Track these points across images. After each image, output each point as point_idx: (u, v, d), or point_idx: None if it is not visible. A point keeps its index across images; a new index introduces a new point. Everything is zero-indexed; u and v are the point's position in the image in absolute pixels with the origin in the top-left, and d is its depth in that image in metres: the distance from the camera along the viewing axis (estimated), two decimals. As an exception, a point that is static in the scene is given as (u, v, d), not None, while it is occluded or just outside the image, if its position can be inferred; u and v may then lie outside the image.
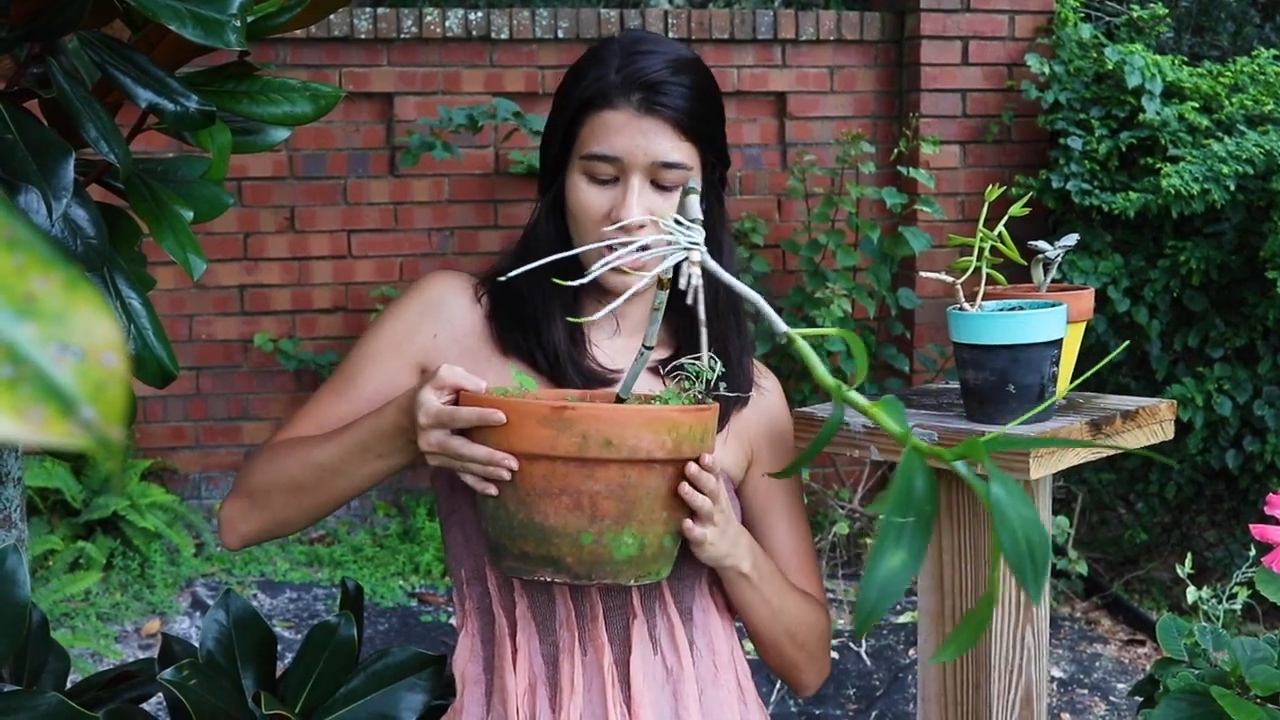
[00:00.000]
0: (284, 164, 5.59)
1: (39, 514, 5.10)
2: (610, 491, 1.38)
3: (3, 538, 1.72)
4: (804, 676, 1.85)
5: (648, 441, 1.37)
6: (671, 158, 1.67)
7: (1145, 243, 5.33)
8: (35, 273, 0.38)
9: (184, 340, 5.54)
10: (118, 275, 1.59)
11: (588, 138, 1.69)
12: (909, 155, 5.66)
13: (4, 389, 0.37)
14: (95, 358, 0.38)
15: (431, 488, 1.91)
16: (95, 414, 0.38)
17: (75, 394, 0.38)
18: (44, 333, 0.38)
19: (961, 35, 5.76)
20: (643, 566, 1.44)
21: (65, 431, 0.37)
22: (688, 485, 1.44)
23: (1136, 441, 1.73)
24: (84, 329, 0.38)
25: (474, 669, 1.75)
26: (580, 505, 1.38)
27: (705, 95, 1.73)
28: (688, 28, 5.75)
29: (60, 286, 0.38)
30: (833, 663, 4.72)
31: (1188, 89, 5.30)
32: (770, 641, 1.78)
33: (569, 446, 1.36)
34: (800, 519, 1.87)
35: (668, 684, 1.72)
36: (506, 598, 1.71)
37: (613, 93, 1.68)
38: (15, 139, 1.41)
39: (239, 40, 1.42)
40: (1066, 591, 5.32)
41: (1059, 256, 1.78)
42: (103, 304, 0.39)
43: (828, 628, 1.84)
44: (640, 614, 1.70)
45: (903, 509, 0.79)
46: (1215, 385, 5.02)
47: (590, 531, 1.39)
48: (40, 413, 0.37)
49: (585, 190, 1.70)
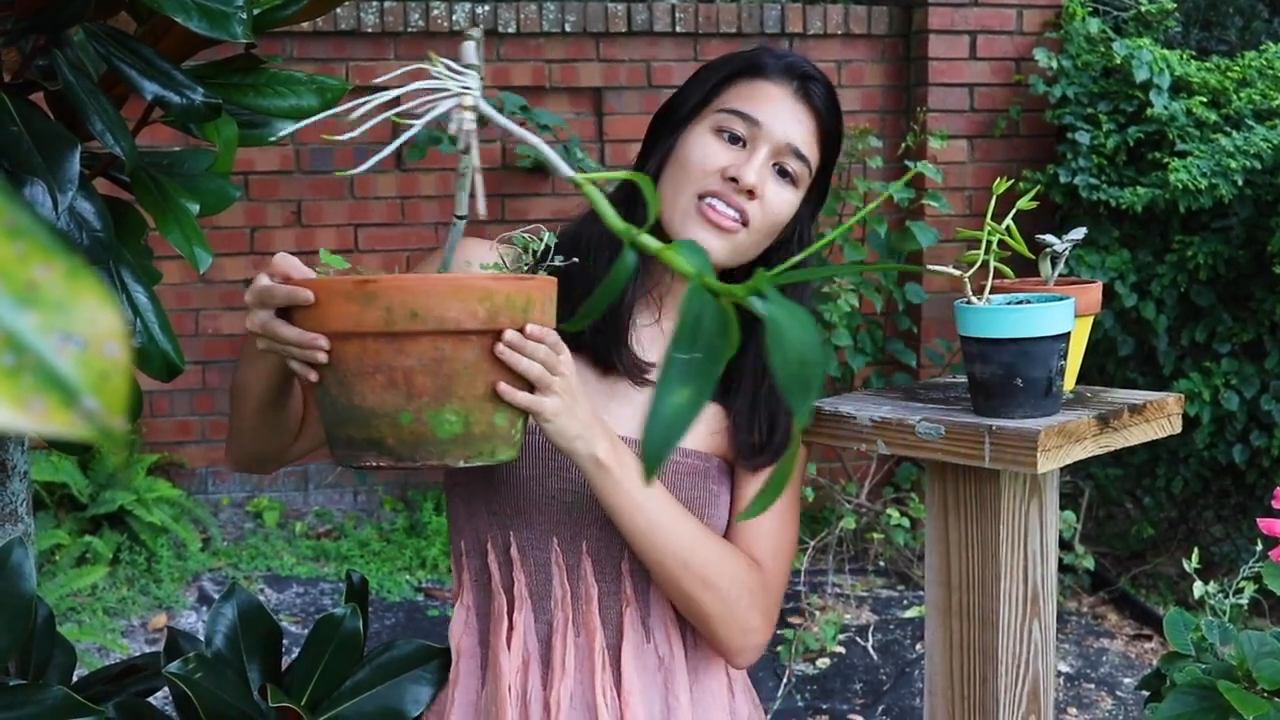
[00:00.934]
0: (290, 158, 5.59)
1: (45, 508, 5.10)
2: (424, 366, 1.31)
3: (9, 532, 1.72)
4: (719, 629, 1.68)
5: (455, 311, 1.30)
6: (804, 149, 1.72)
7: (1153, 238, 5.32)
8: (37, 261, 0.38)
9: (190, 335, 5.54)
10: (123, 269, 1.59)
11: (733, 97, 1.73)
12: (916, 149, 5.65)
13: (5, 378, 0.36)
14: (98, 347, 0.38)
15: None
16: (97, 404, 0.38)
17: (77, 384, 0.38)
18: (46, 322, 0.38)
19: (969, 29, 5.75)
20: (471, 446, 1.36)
21: (67, 421, 0.37)
22: (504, 348, 1.36)
23: (1144, 435, 1.73)
24: (86, 318, 0.38)
25: (469, 642, 1.76)
26: (395, 383, 1.32)
27: (839, 118, 1.79)
28: (695, 21, 5.75)
29: (62, 275, 0.38)
30: (839, 657, 4.74)
31: (1196, 83, 5.30)
32: (656, 563, 1.64)
33: (375, 321, 1.29)
34: (783, 511, 1.79)
35: (659, 672, 1.72)
36: (506, 575, 1.72)
37: (772, 70, 1.73)
38: (21, 131, 1.41)
39: (245, 33, 1.42)
40: (1073, 586, 5.32)
41: (1067, 250, 1.77)
42: (105, 293, 0.39)
43: (754, 583, 1.69)
44: (634, 601, 1.71)
45: (689, 344, 0.78)
46: (1222, 380, 5.01)
47: (409, 410, 1.32)
48: (42, 402, 0.37)
49: (710, 141, 1.71)
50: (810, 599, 5.09)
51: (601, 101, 5.78)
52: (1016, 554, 1.70)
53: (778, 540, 1.75)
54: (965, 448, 1.61)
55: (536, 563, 1.70)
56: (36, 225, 0.39)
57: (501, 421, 1.39)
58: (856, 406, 1.75)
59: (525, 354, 1.38)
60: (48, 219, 1.36)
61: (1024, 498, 1.69)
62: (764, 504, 0.85)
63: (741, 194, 1.67)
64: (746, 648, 1.71)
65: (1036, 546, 1.72)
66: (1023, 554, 1.70)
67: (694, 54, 5.79)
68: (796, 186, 1.73)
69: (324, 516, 5.73)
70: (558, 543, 1.70)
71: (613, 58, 5.75)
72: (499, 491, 1.71)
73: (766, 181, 1.70)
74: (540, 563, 1.70)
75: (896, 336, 5.81)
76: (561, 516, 1.69)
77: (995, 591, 1.69)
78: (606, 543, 1.69)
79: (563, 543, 1.70)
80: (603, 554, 1.70)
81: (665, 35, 5.76)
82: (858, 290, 5.24)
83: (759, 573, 1.71)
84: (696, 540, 1.64)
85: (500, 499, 1.71)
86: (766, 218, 1.70)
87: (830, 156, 1.78)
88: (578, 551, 1.70)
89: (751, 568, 1.70)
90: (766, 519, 1.75)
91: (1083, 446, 1.62)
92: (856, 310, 5.31)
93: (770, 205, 1.70)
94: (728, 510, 1.78)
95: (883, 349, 5.74)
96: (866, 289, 5.33)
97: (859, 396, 1.83)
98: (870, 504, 5.34)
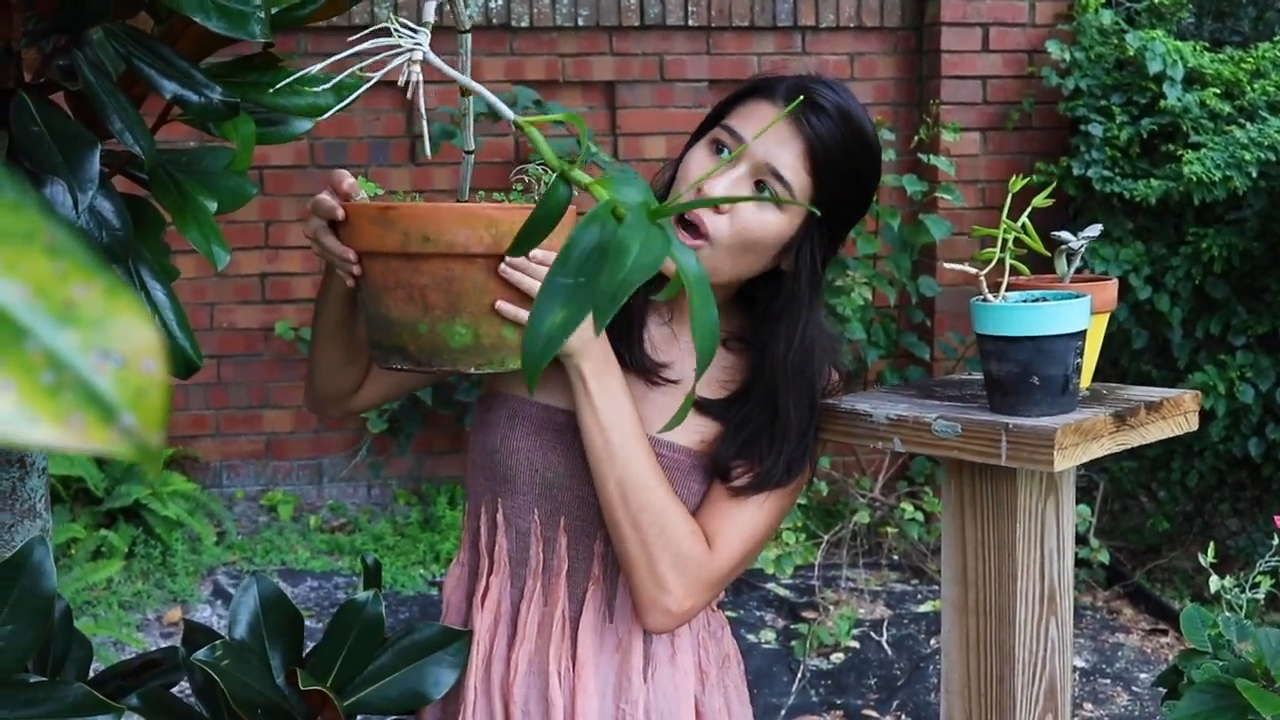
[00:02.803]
0: (305, 152, 5.60)
1: (61, 502, 5.12)
2: (435, 284, 1.45)
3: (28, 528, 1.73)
4: (634, 574, 1.71)
5: (464, 236, 1.43)
6: (785, 172, 1.70)
7: (1167, 230, 5.31)
8: (76, 279, 0.38)
9: (205, 329, 5.56)
10: (142, 267, 1.60)
11: (733, 114, 1.76)
12: (929, 142, 5.65)
13: (46, 396, 0.37)
14: (135, 364, 0.39)
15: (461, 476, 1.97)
16: (135, 420, 0.38)
17: (115, 401, 0.38)
18: (85, 339, 0.38)
19: (982, 22, 5.75)
20: (481, 355, 1.50)
21: (106, 438, 0.37)
22: (507, 268, 1.47)
23: (1161, 433, 1.73)
24: (124, 335, 0.39)
25: (457, 596, 1.90)
26: (413, 298, 1.46)
27: (853, 156, 1.74)
28: (707, 14, 5.74)
29: (100, 293, 0.39)
30: (853, 652, 4.74)
31: (1209, 75, 5.28)
32: (601, 486, 1.69)
33: (394, 242, 1.44)
34: (762, 508, 1.79)
35: (616, 653, 1.79)
36: (491, 539, 1.83)
37: (776, 91, 1.75)
38: (42, 131, 1.42)
39: (263, 32, 1.42)
40: (1088, 580, 5.31)
41: (1083, 247, 1.77)
42: (142, 310, 0.39)
43: (689, 550, 1.71)
44: (601, 581, 1.79)
45: (568, 269, 0.80)
46: (1238, 373, 5.00)
47: (425, 321, 1.47)
48: (81, 419, 0.37)
49: (698, 154, 1.76)
50: (824, 593, 5.10)
51: (614, 95, 5.78)
52: (1033, 552, 1.70)
53: (742, 532, 1.76)
54: (982, 446, 1.61)
55: (519, 530, 1.81)
56: (75, 243, 0.39)
57: (510, 334, 1.51)
58: (872, 404, 1.75)
59: (529, 274, 1.49)
60: (68, 218, 1.37)
61: (1041, 496, 1.69)
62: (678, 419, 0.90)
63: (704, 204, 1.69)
64: (656, 605, 1.71)
65: (1054, 544, 1.72)
66: (1039, 552, 1.71)
67: (706, 48, 5.79)
68: (781, 209, 1.72)
69: (338, 510, 5.75)
70: (538, 514, 1.80)
71: (626, 51, 5.75)
72: (494, 459, 1.81)
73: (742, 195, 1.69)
74: (521, 531, 1.81)
75: (910, 330, 5.81)
76: (544, 491, 1.79)
77: (1012, 589, 1.69)
78: (584, 522, 1.78)
79: (543, 515, 1.79)
80: (579, 532, 1.79)
81: (678, 29, 5.76)
82: (871, 283, 5.23)
83: (701, 545, 1.73)
84: (645, 483, 1.68)
85: (495, 466, 1.82)
86: (735, 233, 1.70)
87: (833, 186, 1.74)
88: (556, 525, 1.79)
89: (694, 536, 1.72)
90: (744, 509, 1.76)
91: (1100, 444, 1.62)
92: (870, 303, 5.31)
93: (741, 221, 1.70)
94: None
95: (896, 342, 5.74)
96: (880, 282, 5.33)
97: (874, 394, 1.83)
98: (884, 498, 5.34)
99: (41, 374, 0.37)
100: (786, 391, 1.75)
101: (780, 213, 1.72)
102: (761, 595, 5.16)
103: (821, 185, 1.72)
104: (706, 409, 1.80)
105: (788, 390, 1.75)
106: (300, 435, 5.77)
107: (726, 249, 1.70)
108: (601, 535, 1.77)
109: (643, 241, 0.79)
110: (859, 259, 5.38)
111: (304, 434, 5.77)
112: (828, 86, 1.74)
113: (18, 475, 1.72)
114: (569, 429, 1.76)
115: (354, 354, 1.80)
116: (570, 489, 1.77)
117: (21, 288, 0.38)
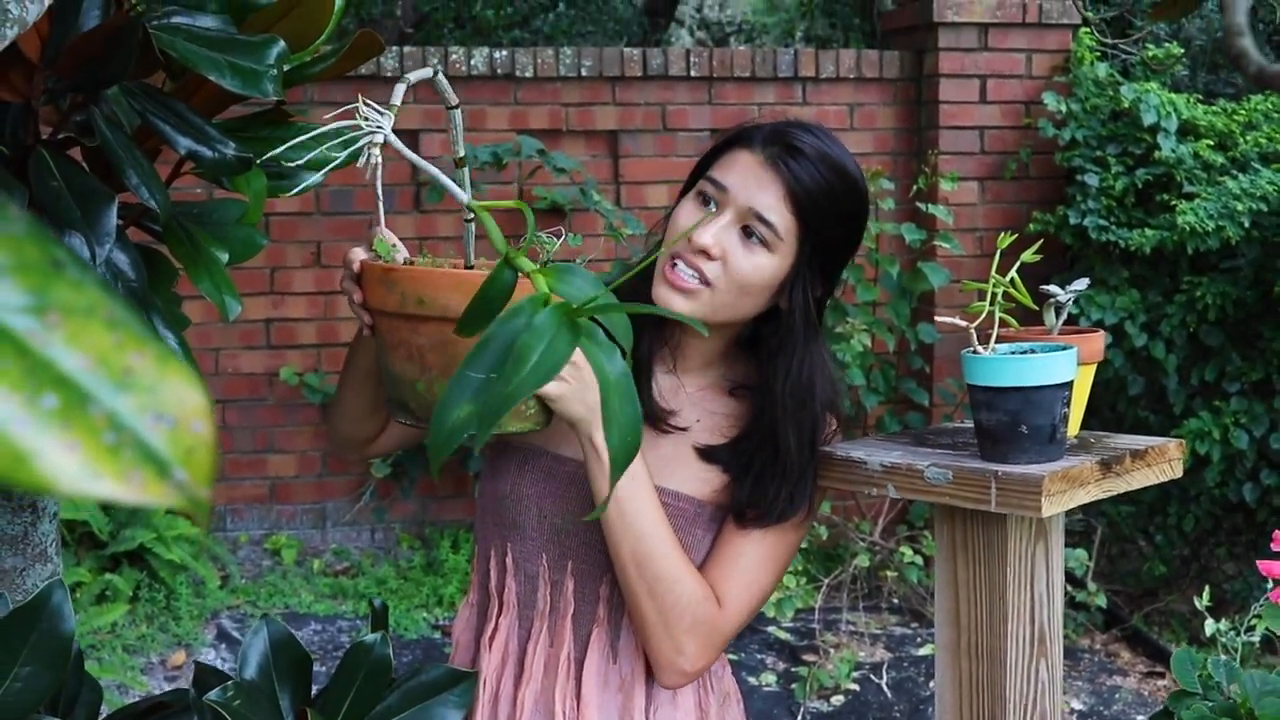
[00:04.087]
0: (310, 200, 5.65)
1: (66, 546, 5.15)
2: (432, 345, 1.50)
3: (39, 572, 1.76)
4: (652, 639, 1.76)
5: (456, 301, 1.43)
6: (769, 214, 1.76)
7: (1162, 278, 5.36)
8: (132, 349, 0.43)
9: (210, 373, 5.59)
10: (155, 316, 1.64)
11: (716, 166, 1.82)
12: (928, 191, 5.71)
13: (109, 455, 0.41)
14: (186, 425, 0.43)
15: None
16: (187, 476, 0.43)
17: (169, 458, 0.43)
18: (141, 403, 0.43)
19: (979, 73, 5.81)
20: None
21: (162, 493, 0.42)
22: None
23: (1146, 480, 1.77)
24: (175, 399, 0.43)
25: (466, 637, 1.95)
26: (412, 356, 1.52)
27: (835, 196, 1.79)
28: (709, 66, 5.81)
29: (154, 361, 0.43)
30: (853, 695, 4.76)
31: (1203, 126, 5.35)
32: (614, 554, 1.74)
33: (394, 303, 1.51)
34: (765, 560, 1.85)
35: (620, 692, 1.83)
36: (500, 581, 1.88)
37: (754, 139, 1.80)
38: (61, 187, 1.46)
39: (276, 90, 1.46)
40: (1086, 624, 5.34)
41: (1070, 300, 1.82)
42: (192, 376, 0.44)
43: (703, 614, 1.76)
44: (605, 623, 1.83)
45: (484, 365, 0.82)
46: (1232, 419, 5.04)
47: (422, 380, 1.52)
48: (140, 476, 0.42)
49: (686, 207, 1.82)
50: (825, 636, 5.12)
51: (617, 144, 5.84)
52: (1024, 595, 1.74)
53: (749, 586, 1.82)
54: (972, 492, 1.65)
55: (527, 574, 1.86)
56: (130, 316, 0.44)
57: None
58: (867, 452, 1.79)
59: None
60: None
61: (1030, 541, 1.74)
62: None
63: (698, 254, 1.76)
64: (673, 667, 1.78)
65: (1043, 588, 1.76)
66: (1030, 595, 1.75)
67: (708, 98, 5.85)
68: (770, 250, 1.77)
69: (342, 554, 5.77)
70: (546, 559, 1.84)
71: (628, 101, 5.82)
72: (504, 505, 1.86)
73: (728, 244, 1.76)
74: (530, 574, 1.86)
75: (909, 376, 5.85)
76: (552, 536, 1.83)
77: (1003, 632, 1.73)
78: (590, 565, 1.82)
79: (551, 559, 1.84)
80: (585, 575, 1.83)
81: (680, 79, 5.83)
82: (870, 330, 5.28)
83: (712, 607, 1.78)
84: (659, 553, 1.72)
85: (504, 512, 1.86)
86: (730, 278, 1.77)
87: (817, 225, 1.79)
88: (563, 569, 1.83)
89: (706, 600, 1.77)
90: (746, 562, 1.82)
91: (1086, 491, 1.66)
92: (869, 350, 5.36)
93: (733, 266, 1.76)
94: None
95: (895, 388, 5.78)
96: (879, 328, 5.38)
97: (870, 442, 1.88)
98: (884, 542, 5.37)
99: (104, 434, 0.42)
100: (786, 425, 1.80)
101: (770, 254, 1.77)
102: (762, 638, 5.18)
103: (807, 225, 1.78)
104: (712, 456, 1.85)
105: (787, 424, 1.80)
106: (304, 479, 5.80)
107: (725, 291, 1.77)
108: (608, 579, 1.81)
109: (546, 346, 0.80)
110: (858, 305, 5.43)
111: (308, 478, 5.81)
112: (805, 130, 1.81)
113: (30, 520, 1.76)
114: (577, 478, 1.80)
115: (378, 404, 1.85)
116: (578, 534, 1.82)
117: (85, 358, 0.42)
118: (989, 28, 5.80)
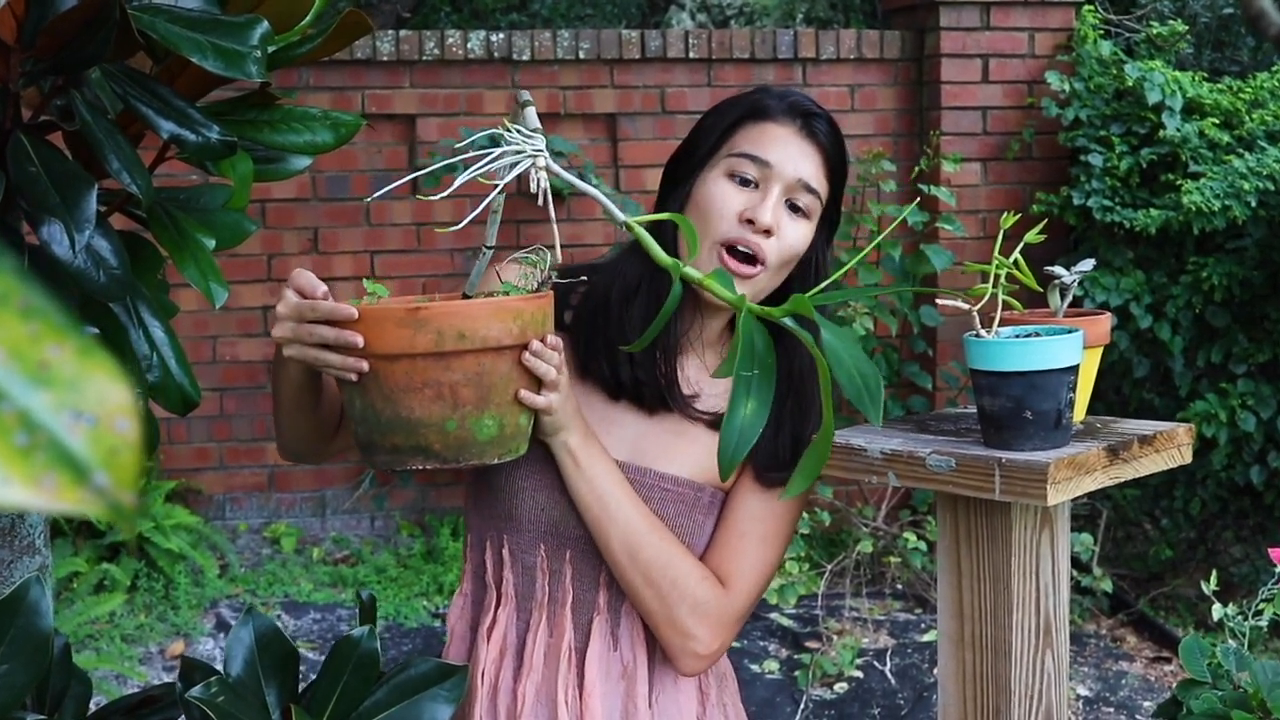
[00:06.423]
0: (307, 186, 5.62)
1: (63, 535, 5.12)
2: (468, 380, 1.50)
3: (26, 564, 1.73)
4: (658, 626, 1.79)
5: (497, 330, 1.50)
6: (813, 183, 1.82)
7: (1167, 259, 5.32)
8: (49, 340, 0.39)
9: (208, 362, 5.57)
10: (141, 304, 1.61)
11: (743, 140, 1.82)
12: (930, 173, 5.66)
13: (19, 457, 0.38)
14: (108, 424, 0.39)
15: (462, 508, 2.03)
16: (108, 479, 0.39)
17: (88, 461, 0.39)
18: (58, 400, 0.39)
19: (982, 53, 5.77)
20: (504, 445, 1.56)
21: (78, 498, 0.38)
22: (531, 357, 1.55)
23: (1155, 466, 1.73)
24: (97, 396, 0.39)
25: (461, 627, 1.94)
26: (442, 395, 1.50)
27: (842, 153, 1.88)
28: (709, 48, 5.77)
29: (74, 354, 0.39)
30: (857, 682, 4.73)
31: (1208, 105, 5.30)
32: (605, 548, 1.77)
33: (426, 343, 1.47)
34: (769, 536, 1.87)
35: (622, 679, 1.84)
36: (498, 572, 1.87)
37: (776, 111, 1.83)
38: (39, 171, 1.42)
39: (260, 72, 1.43)
40: (1091, 608, 5.30)
41: (1075, 282, 1.78)
42: (116, 370, 0.40)
43: (705, 595, 1.78)
44: (605, 611, 1.83)
45: (748, 364, 0.89)
46: (1239, 401, 5.00)
47: (454, 418, 1.51)
48: (54, 480, 0.38)
49: (725, 186, 1.81)
50: (828, 623, 5.09)
51: (616, 127, 5.80)
52: (1029, 585, 1.70)
53: (754, 563, 1.84)
54: (976, 480, 1.61)
55: (524, 565, 1.85)
56: (48, 304, 0.40)
57: (524, 421, 1.60)
58: (868, 439, 1.75)
59: (544, 360, 1.58)
60: (65, 258, 1.38)
61: (1035, 529, 1.70)
62: (801, 484, 0.98)
63: (759, 234, 1.77)
64: (686, 652, 1.79)
65: (1049, 578, 1.72)
66: (1035, 585, 1.71)
67: (707, 80, 5.81)
68: (810, 219, 1.83)
69: (341, 543, 5.75)
70: (544, 549, 1.84)
71: (627, 84, 5.77)
72: (499, 497, 1.86)
73: (781, 219, 1.79)
74: (528, 565, 1.85)
75: (912, 360, 5.81)
76: (549, 527, 1.83)
77: (1007, 622, 1.69)
78: (588, 555, 1.82)
79: (549, 550, 1.84)
80: (584, 564, 1.83)
81: (679, 61, 5.78)
82: (872, 314, 5.24)
83: (714, 587, 1.80)
84: (648, 540, 1.76)
85: (500, 504, 1.86)
86: (783, 253, 1.80)
87: (838, 187, 1.88)
88: (561, 559, 1.83)
89: (707, 581, 1.79)
90: (749, 541, 1.84)
91: (1093, 478, 1.62)
92: (872, 334, 5.32)
93: (786, 240, 1.80)
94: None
95: (898, 372, 5.75)
96: (881, 312, 5.34)
97: (870, 428, 1.84)
98: (887, 527, 5.33)
99: (15, 435, 0.38)
100: (809, 375, 1.85)
101: (810, 223, 1.83)
102: (765, 625, 5.15)
103: (832, 187, 1.86)
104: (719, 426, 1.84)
105: (811, 375, 1.84)
106: (303, 468, 5.77)
107: (777, 267, 1.81)
108: (606, 566, 1.81)
109: (847, 341, 0.94)
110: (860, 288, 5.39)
111: (307, 466, 5.77)
112: (807, 96, 1.88)
113: (16, 512, 1.73)
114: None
115: (318, 425, 1.84)
116: (575, 523, 1.81)
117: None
118: (991, 6, 5.75)
